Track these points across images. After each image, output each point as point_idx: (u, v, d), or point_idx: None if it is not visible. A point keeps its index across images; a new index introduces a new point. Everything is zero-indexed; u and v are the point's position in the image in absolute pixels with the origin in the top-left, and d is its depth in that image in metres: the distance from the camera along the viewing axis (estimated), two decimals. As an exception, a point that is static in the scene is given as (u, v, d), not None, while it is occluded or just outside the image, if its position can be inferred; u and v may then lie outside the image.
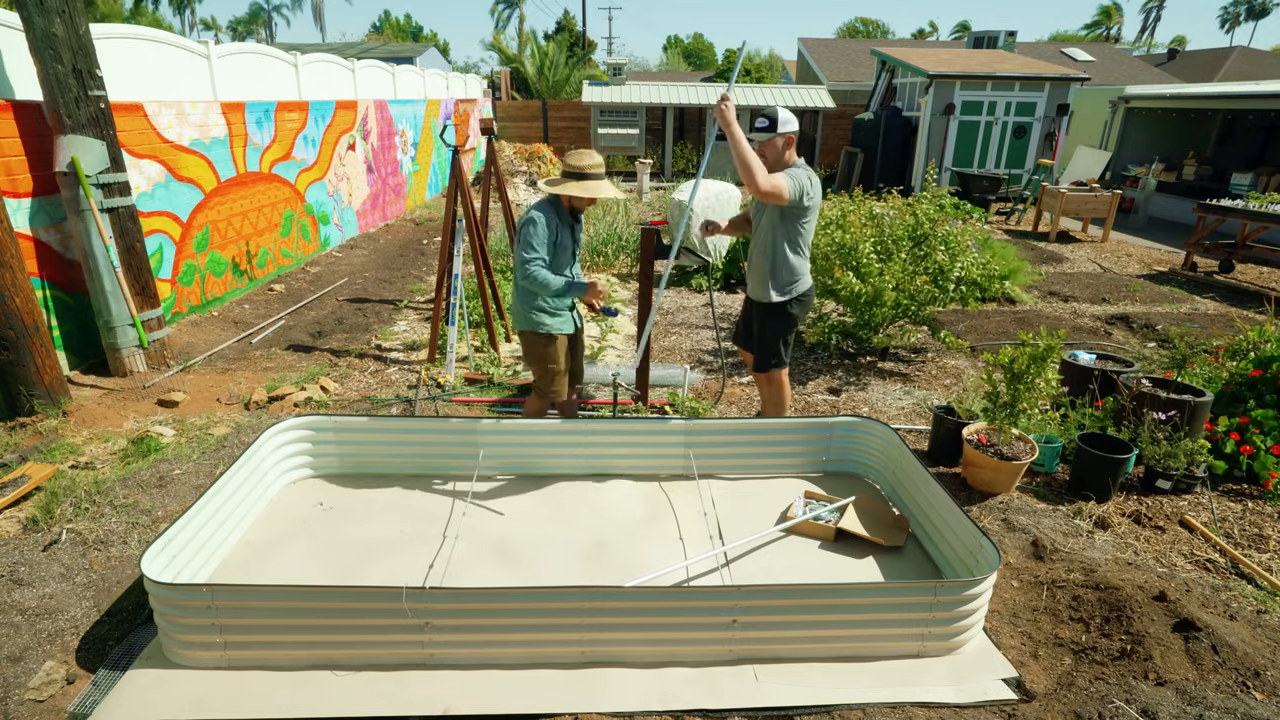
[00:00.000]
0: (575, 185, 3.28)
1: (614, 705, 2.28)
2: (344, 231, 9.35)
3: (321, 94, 8.65)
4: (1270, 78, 20.71)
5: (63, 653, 2.47)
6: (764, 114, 3.43)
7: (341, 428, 3.53)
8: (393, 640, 2.39)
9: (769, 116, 3.41)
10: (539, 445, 3.61)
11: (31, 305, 3.99)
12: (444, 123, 12.30)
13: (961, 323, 6.42)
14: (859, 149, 14.82)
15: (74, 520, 3.17)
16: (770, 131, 3.40)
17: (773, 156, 3.46)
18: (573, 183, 3.29)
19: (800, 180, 3.40)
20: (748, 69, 32.95)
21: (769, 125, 3.40)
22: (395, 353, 5.46)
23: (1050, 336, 3.57)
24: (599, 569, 2.92)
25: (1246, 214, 8.08)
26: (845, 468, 3.74)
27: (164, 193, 5.71)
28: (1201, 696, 2.27)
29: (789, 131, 3.42)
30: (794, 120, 3.44)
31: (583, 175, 3.29)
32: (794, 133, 3.44)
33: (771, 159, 3.46)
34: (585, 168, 3.28)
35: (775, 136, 3.40)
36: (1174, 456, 3.58)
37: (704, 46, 60.15)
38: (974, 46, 18.30)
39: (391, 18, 57.44)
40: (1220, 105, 12.21)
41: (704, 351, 5.66)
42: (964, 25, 47.49)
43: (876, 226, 5.50)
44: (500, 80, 23.05)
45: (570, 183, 3.29)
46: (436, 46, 34.89)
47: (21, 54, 4.26)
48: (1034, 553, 3.12)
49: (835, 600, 2.46)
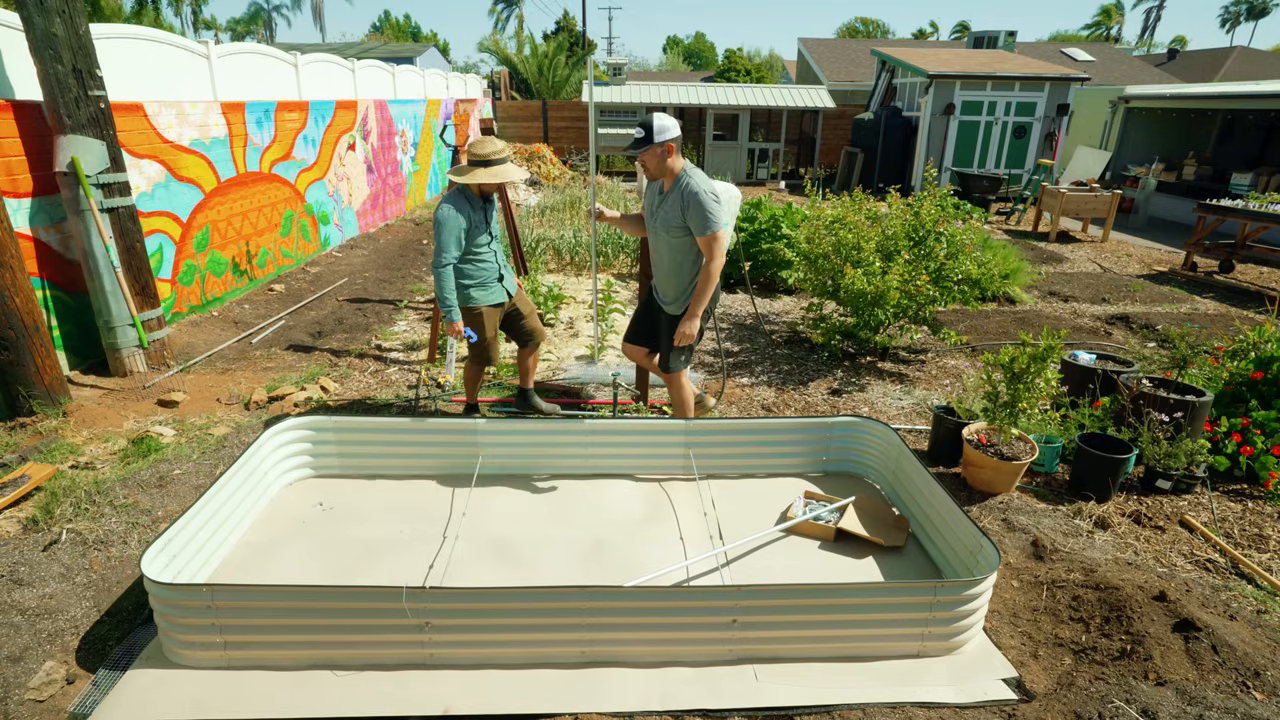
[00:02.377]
0: (484, 172, 3.58)
1: (614, 705, 2.28)
2: (344, 231, 9.35)
3: (321, 94, 8.65)
4: (1270, 78, 20.71)
5: (63, 653, 2.47)
6: (640, 124, 3.28)
7: (341, 428, 3.53)
8: (393, 640, 2.39)
9: (645, 126, 3.27)
10: (539, 445, 3.61)
11: (31, 305, 3.99)
12: (444, 123, 12.30)
13: (961, 323, 6.42)
14: (859, 149, 14.82)
15: (74, 520, 3.17)
16: (647, 143, 3.26)
17: (654, 165, 3.34)
18: (480, 170, 3.59)
19: (719, 212, 3.29)
20: (747, 69, 32.93)
21: (645, 137, 3.26)
22: (395, 353, 5.46)
23: (1051, 336, 3.57)
24: (599, 569, 2.92)
25: (1246, 214, 8.08)
26: (845, 468, 3.74)
27: (164, 193, 5.71)
28: (1201, 696, 2.27)
29: (667, 140, 3.26)
30: (672, 128, 3.27)
31: (488, 162, 3.60)
32: (673, 139, 3.27)
33: (654, 168, 3.35)
34: (489, 154, 3.59)
35: (653, 147, 3.27)
36: (1174, 457, 3.58)
37: (704, 46, 60.13)
38: (974, 46, 18.30)
39: (391, 18, 57.44)
40: (1220, 105, 12.21)
41: (704, 351, 5.66)
42: (964, 25, 47.49)
43: (878, 226, 5.50)
44: (500, 80, 23.05)
45: (479, 170, 3.59)
46: (436, 46, 34.91)
47: (21, 54, 4.26)
48: (1034, 553, 3.12)
49: (835, 600, 2.46)
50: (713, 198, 3.30)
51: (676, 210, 3.35)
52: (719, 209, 3.31)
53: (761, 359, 5.51)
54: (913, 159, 14.19)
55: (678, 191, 3.34)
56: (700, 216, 3.28)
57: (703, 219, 3.28)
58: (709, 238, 3.31)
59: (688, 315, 3.47)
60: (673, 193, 3.36)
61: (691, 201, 3.28)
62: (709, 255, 3.34)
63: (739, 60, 34.12)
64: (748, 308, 6.92)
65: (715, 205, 3.29)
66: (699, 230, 3.31)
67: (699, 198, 3.26)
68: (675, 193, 3.35)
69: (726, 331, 6.20)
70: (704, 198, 3.27)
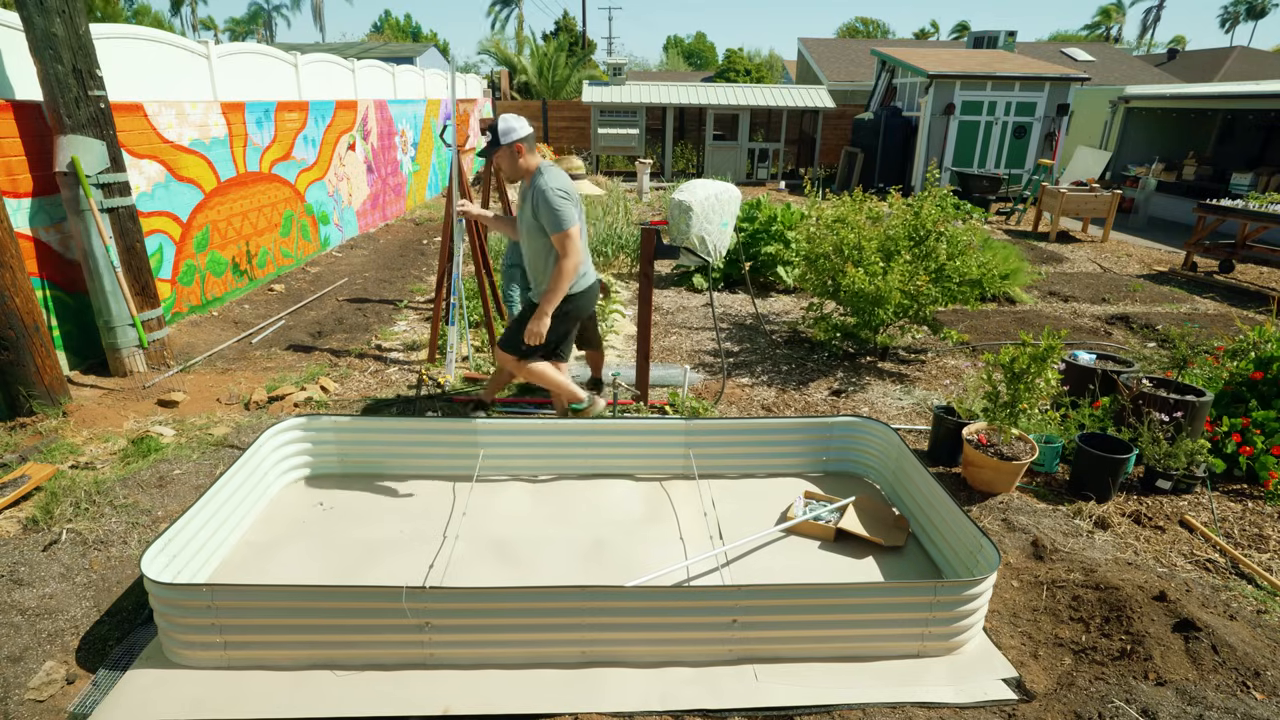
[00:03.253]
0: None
1: (614, 705, 2.28)
2: (344, 231, 9.35)
3: (321, 94, 8.65)
4: (1270, 78, 20.70)
5: (63, 653, 2.47)
6: (487, 127, 3.31)
7: (341, 428, 3.53)
8: (393, 640, 2.39)
9: (491, 129, 3.29)
10: (539, 445, 3.61)
11: (31, 305, 3.99)
12: (444, 122, 12.29)
13: (961, 323, 6.42)
14: (859, 149, 14.83)
15: (74, 520, 3.17)
16: (495, 146, 3.29)
17: (507, 167, 3.36)
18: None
19: (567, 209, 3.27)
20: (747, 69, 32.91)
21: (493, 140, 3.28)
22: (395, 353, 5.46)
23: (1051, 336, 3.57)
24: (599, 569, 2.92)
25: (1246, 214, 8.08)
26: (845, 468, 3.74)
27: (164, 193, 5.71)
28: (1201, 696, 2.27)
29: (515, 140, 3.28)
30: (518, 128, 3.29)
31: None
32: (521, 139, 3.29)
33: (507, 169, 3.37)
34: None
35: (502, 149, 3.29)
36: (1174, 457, 3.58)
37: (705, 46, 60.12)
38: (974, 46, 18.30)
39: (391, 18, 57.45)
40: (1220, 105, 12.21)
41: (704, 352, 5.66)
42: (964, 25, 47.49)
43: (879, 226, 5.50)
44: (500, 80, 23.05)
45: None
46: (436, 46, 34.89)
47: (21, 54, 4.26)
48: (1034, 553, 3.12)
49: (835, 600, 2.46)
50: (561, 195, 3.26)
51: (530, 210, 3.34)
52: (568, 206, 3.27)
53: (761, 359, 5.51)
54: (913, 159, 14.19)
55: (531, 190, 3.33)
56: (550, 215, 3.25)
57: (552, 217, 3.25)
58: (560, 236, 3.28)
59: (537, 312, 3.40)
60: (528, 192, 3.36)
61: (540, 200, 3.26)
62: (561, 253, 3.31)
63: (739, 60, 34.11)
64: (748, 308, 6.92)
65: (564, 202, 3.26)
66: (550, 229, 3.29)
67: (546, 196, 3.24)
68: (530, 192, 3.34)
69: (726, 331, 6.20)
70: (551, 195, 3.24)
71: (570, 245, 3.30)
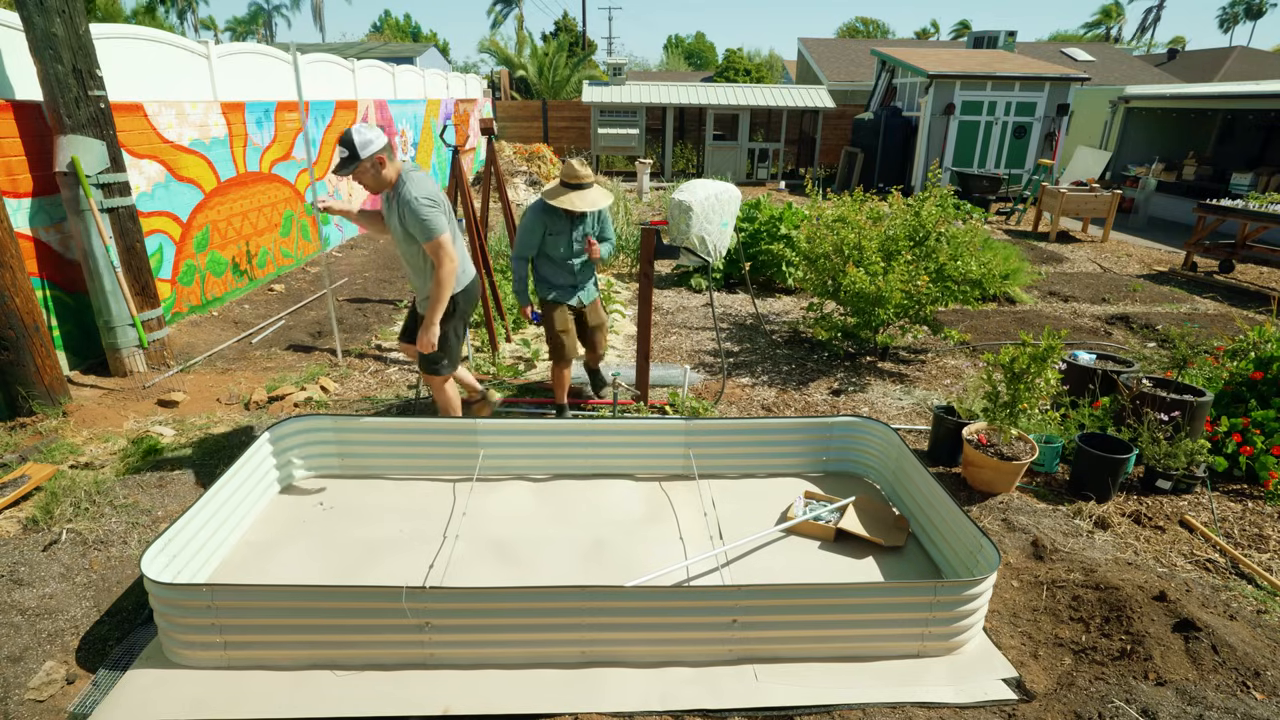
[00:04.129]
0: (575, 196, 3.82)
1: (614, 705, 2.28)
2: (344, 231, 9.35)
3: (321, 94, 8.65)
4: (1270, 78, 20.71)
5: (63, 653, 2.47)
6: (342, 143, 3.12)
7: (341, 428, 3.53)
8: (393, 640, 2.39)
9: (347, 145, 3.10)
10: (539, 445, 3.61)
11: (31, 305, 3.99)
12: (444, 123, 12.29)
13: (962, 323, 6.42)
14: (859, 149, 14.83)
15: (74, 520, 3.17)
16: (354, 162, 3.10)
17: (371, 182, 3.21)
18: (572, 194, 3.83)
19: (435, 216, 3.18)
20: (747, 69, 32.91)
21: (350, 156, 3.10)
22: (395, 353, 5.46)
23: (1051, 337, 3.57)
24: (599, 569, 2.92)
25: (1246, 214, 8.08)
26: (845, 468, 3.74)
27: (164, 193, 5.71)
28: (1201, 696, 2.27)
29: (374, 152, 3.11)
30: (375, 141, 3.12)
31: (579, 185, 3.85)
32: (380, 150, 3.12)
33: (371, 183, 3.21)
34: (582, 178, 3.84)
35: (362, 164, 3.12)
36: (1174, 456, 3.58)
37: (705, 46, 60.10)
38: (974, 46, 18.30)
39: (391, 18, 57.43)
40: (1220, 105, 12.21)
41: (704, 352, 5.66)
42: (964, 25, 47.48)
43: (880, 226, 5.50)
44: (500, 80, 23.05)
45: (571, 194, 3.83)
46: (436, 46, 34.92)
47: (21, 54, 4.26)
48: (1034, 553, 3.11)
49: (835, 600, 2.46)
50: (427, 204, 3.17)
51: (398, 220, 3.26)
52: (436, 213, 3.19)
53: (762, 359, 5.51)
54: (913, 159, 14.19)
55: (396, 201, 3.24)
56: (418, 225, 3.18)
57: (421, 227, 3.18)
58: (433, 244, 3.21)
59: (425, 324, 3.34)
60: (393, 202, 3.26)
61: (407, 210, 3.18)
62: (436, 262, 3.24)
63: (739, 60, 34.09)
64: (748, 308, 6.92)
65: (431, 210, 3.17)
66: (421, 238, 3.21)
67: (412, 206, 3.16)
68: (395, 202, 3.25)
69: (727, 331, 6.20)
70: (417, 205, 3.16)
71: (443, 253, 3.22)
